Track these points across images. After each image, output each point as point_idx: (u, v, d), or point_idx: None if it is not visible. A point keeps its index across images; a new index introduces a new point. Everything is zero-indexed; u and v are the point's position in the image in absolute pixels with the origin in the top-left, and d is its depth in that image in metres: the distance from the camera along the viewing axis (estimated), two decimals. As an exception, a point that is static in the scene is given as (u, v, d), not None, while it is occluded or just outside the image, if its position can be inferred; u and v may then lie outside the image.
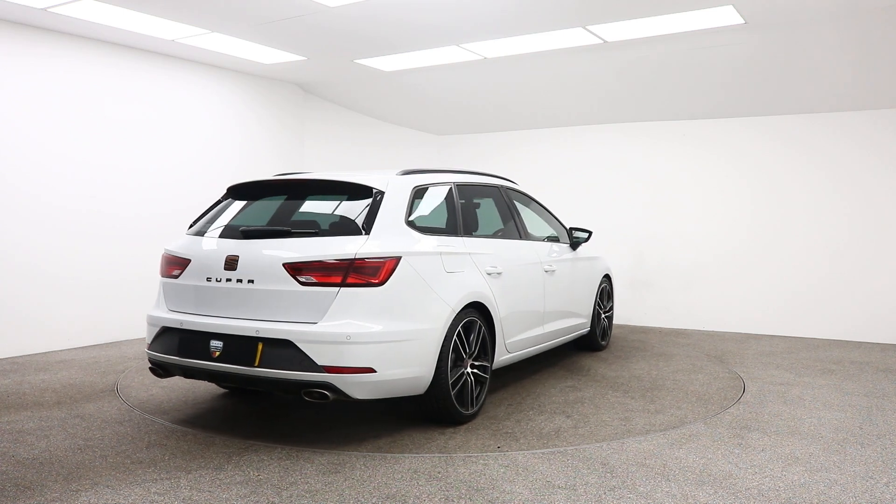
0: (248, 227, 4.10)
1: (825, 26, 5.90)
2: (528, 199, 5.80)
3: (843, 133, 7.43)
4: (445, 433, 4.10)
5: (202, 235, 4.31)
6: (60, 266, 6.56)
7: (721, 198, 8.11)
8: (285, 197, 4.48)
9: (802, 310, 7.60)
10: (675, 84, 7.45)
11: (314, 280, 3.73)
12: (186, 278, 4.13)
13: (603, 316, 6.70)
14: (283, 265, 3.79)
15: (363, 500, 3.13)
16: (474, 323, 4.34)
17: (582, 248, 6.25)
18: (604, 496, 3.18)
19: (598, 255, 6.71)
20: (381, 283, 3.76)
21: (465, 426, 4.23)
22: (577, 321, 6.08)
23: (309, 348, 3.65)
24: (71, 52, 6.60)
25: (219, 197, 4.82)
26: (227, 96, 8.03)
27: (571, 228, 6.12)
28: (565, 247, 5.96)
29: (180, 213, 7.18)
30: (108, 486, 3.25)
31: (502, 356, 4.74)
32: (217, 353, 3.86)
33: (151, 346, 4.20)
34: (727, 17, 5.71)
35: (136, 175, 7.14)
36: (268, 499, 3.13)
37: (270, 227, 4.08)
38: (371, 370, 3.69)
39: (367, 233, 3.87)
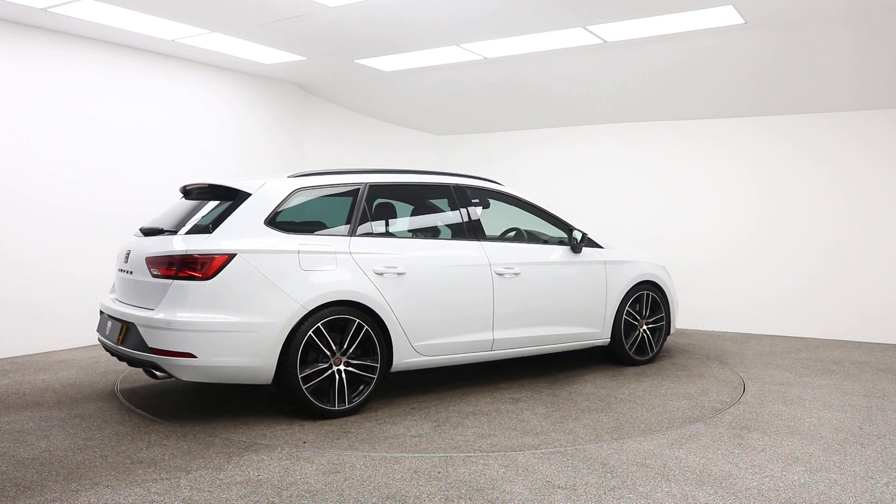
0: (144, 226, 4.75)
1: (826, 26, 5.90)
2: (517, 201, 5.56)
3: (845, 133, 7.42)
4: (293, 425, 4.22)
5: (138, 233, 4.89)
6: (61, 266, 6.57)
7: (721, 198, 8.11)
8: (196, 199, 4.81)
9: (802, 310, 7.60)
10: (675, 84, 7.45)
11: (158, 273, 4.26)
12: (116, 269, 4.86)
13: (643, 328, 6.03)
14: (145, 259, 4.35)
15: (363, 500, 3.13)
16: (350, 321, 4.41)
17: (602, 250, 5.82)
18: (604, 496, 3.18)
19: (634, 259, 6.05)
20: (209, 278, 4.13)
21: (323, 422, 4.29)
22: (578, 330, 5.60)
23: (143, 331, 4.20)
24: (71, 52, 6.60)
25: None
26: (227, 96, 8.03)
27: (572, 230, 5.74)
28: (563, 249, 5.60)
29: (180, 213, 7.18)
30: (108, 486, 3.25)
31: (409, 358, 4.71)
32: (108, 332, 4.60)
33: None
34: (727, 17, 5.71)
35: (136, 175, 7.14)
36: (268, 499, 3.13)
37: (152, 227, 4.65)
38: (191, 356, 4.08)
39: (211, 232, 4.27)
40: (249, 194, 4.44)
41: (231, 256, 4.16)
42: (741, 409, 4.64)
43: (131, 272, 4.50)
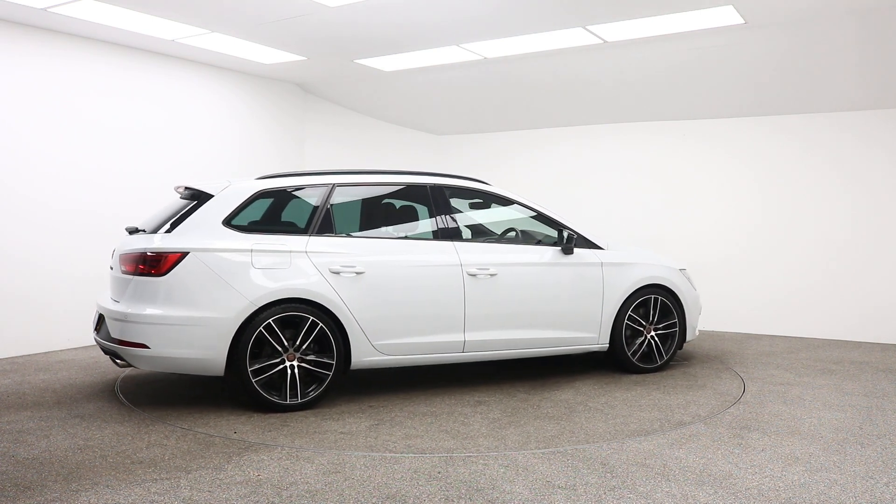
0: (129, 226, 4.99)
1: (826, 26, 5.90)
2: (505, 200, 5.43)
3: (845, 133, 7.42)
4: (241, 416, 4.41)
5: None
6: (60, 266, 6.56)
7: (721, 198, 8.11)
8: (183, 200, 4.97)
9: (802, 310, 7.60)
10: (675, 84, 7.45)
11: (126, 269, 4.58)
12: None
13: (650, 334, 5.69)
14: (120, 256, 4.68)
15: (363, 500, 3.13)
16: (304, 318, 4.54)
17: (600, 251, 5.54)
18: (604, 496, 3.18)
19: (639, 261, 5.70)
20: (163, 274, 4.40)
21: (270, 415, 4.42)
22: (568, 334, 5.37)
23: (109, 323, 4.58)
24: (71, 52, 6.60)
25: None
26: (227, 96, 8.02)
27: (562, 230, 5.47)
28: (553, 250, 5.38)
29: (180, 213, 7.18)
30: (108, 486, 3.26)
31: (369, 357, 4.75)
32: (94, 322, 4.99)
33: None
34: (727, 17, 5.71)
35: (136, 175, 7.14)
36: (268, 499, 3.13)
37: (135, 227, 4.92)
38: (144, 346, 4.36)
39: (170, 231, 4.54)
40: (212, 195, 4.68)
41: (184, 254, 4.41)
42: (741, 409, 4.64)
43: (113, 268, 4.86)
